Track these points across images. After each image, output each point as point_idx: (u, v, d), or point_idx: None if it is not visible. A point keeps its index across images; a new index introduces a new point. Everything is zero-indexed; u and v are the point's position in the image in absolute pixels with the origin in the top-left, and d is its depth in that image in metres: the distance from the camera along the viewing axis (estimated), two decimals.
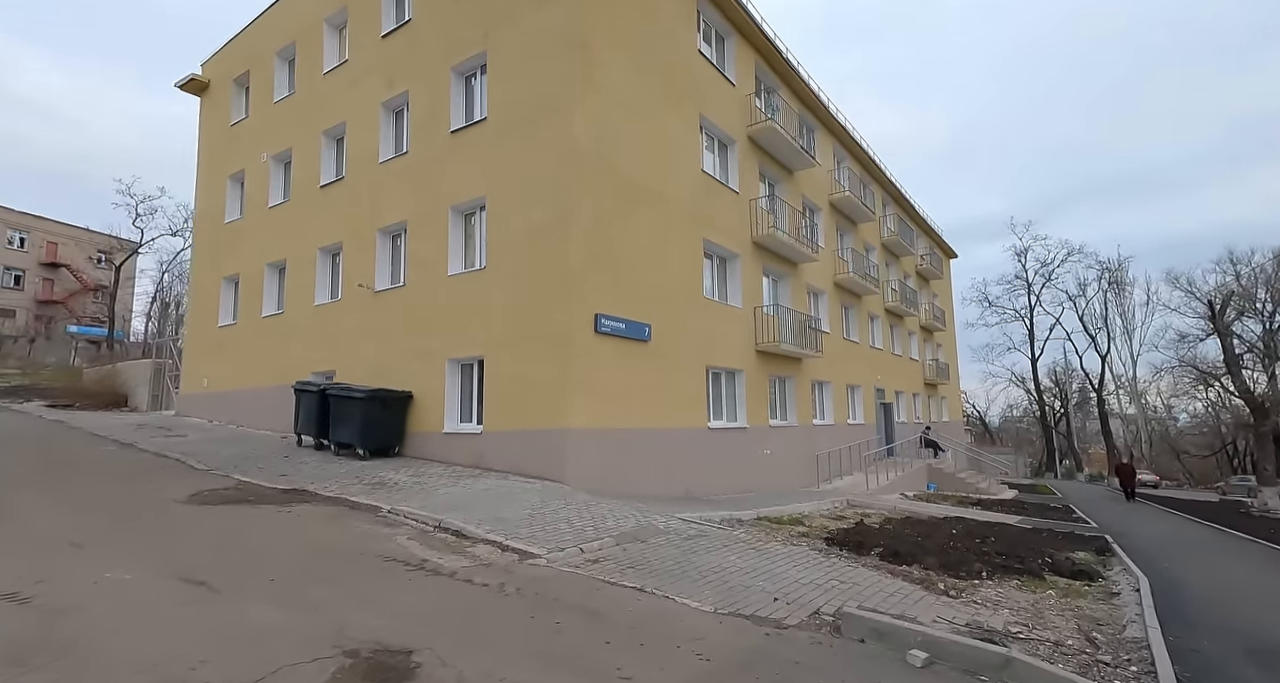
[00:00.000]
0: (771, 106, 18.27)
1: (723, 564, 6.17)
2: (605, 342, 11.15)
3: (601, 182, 11.42)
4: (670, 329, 12.93)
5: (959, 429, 38.39)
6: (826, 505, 13.73)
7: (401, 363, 12.60)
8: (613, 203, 11.67)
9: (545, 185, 11.06)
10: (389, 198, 13.55)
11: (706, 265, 15.31)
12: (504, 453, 10.91)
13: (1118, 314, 49.93)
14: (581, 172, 10.97)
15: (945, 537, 10.46)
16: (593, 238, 11.09)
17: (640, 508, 8.92)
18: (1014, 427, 71.10)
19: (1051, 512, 16.15)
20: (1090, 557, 9.60)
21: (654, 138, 13.09)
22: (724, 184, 15.83)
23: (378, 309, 13.42)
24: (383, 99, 13.96)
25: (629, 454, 11.45)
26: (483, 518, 7.20)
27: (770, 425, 16.62)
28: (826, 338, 20.58)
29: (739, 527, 8.71)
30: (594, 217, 11.15)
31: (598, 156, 11.37)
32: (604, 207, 11.41)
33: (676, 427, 12.88)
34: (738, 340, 15.57)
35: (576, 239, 10.74)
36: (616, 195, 11.80)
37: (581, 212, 10.89)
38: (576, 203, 10.83)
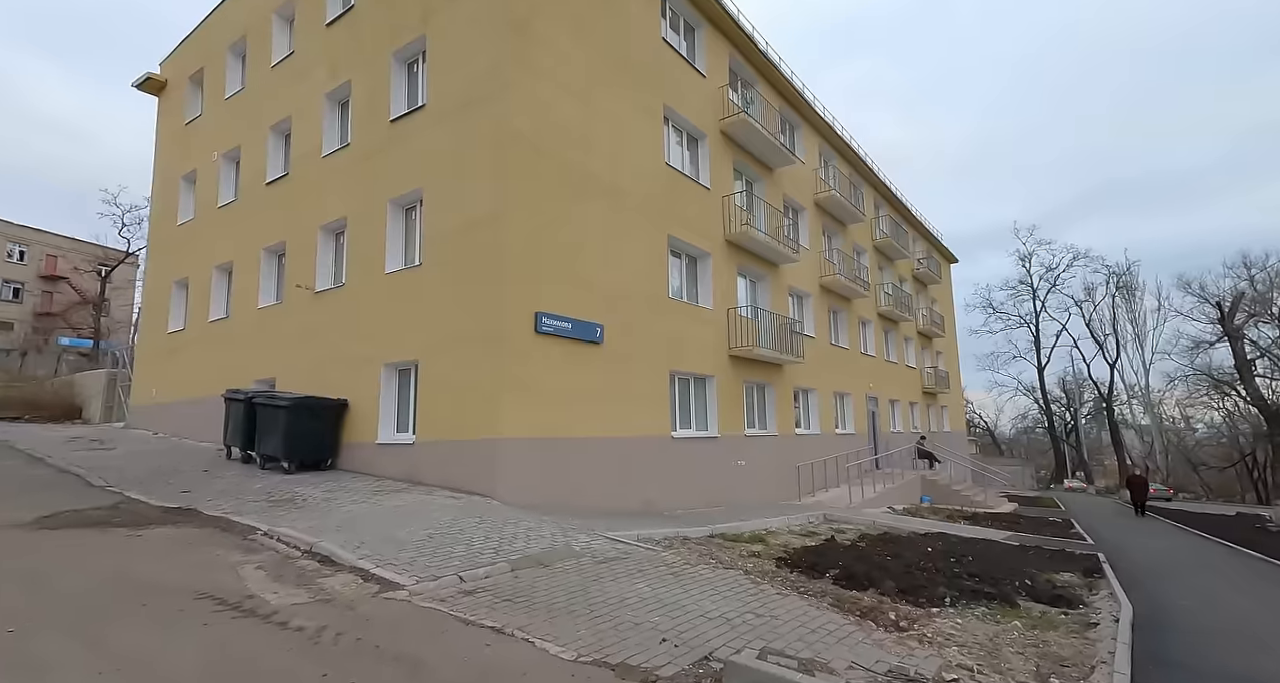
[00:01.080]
0: (747, 101, 17.46)
1: (624, 595, 5.24)
2: (548, 343, 10.27)
3: (544, 172, 10.59)
4: (628, 330, 12.05)
5: (962, 440, 37.16)
6: (799, 520, 12.74)
7: (339, 368, 11.76)
8: (558, 195, 10.84)
9: (480, 175, 10.24)
10: (330, 193, 12.78)
11: (673, 264, 14.44)
12: (436, 465, 10.01)
13: (1128, 321, 48.10)
14: (518, 160, 10.15)
15: (918, 556, 9.48)
16: (533, 232, 10.24)
17: (569, 525, 7.99)
18: (1026, 437, 69.29)
19: (1048, 527, 15.06)
20: (1076, 578, 8.58)
21: (609, 128, 12.29)
22: (693, 180, 14.99)
23: (318, 312, 12.60)
24: (326, 90, 13.24)
25: (576, 465, 10.53)
26: (369, 540, 6.31)
27: (745, 434, 15.64)
28: (811, 343, 19.63)
29: (678, 547, 7.76)
30: (535, 209, 10.31)
31: (538, 145, 10.55)
32: (547, 199, 10.58)
33: (635, 435, 11.96)
34: (708, 344, 14.65)
35: (512, 232, 9.89)
36: (563, 187, 10.97)
37: (518, 203, 10.05)
38: (513, 194, 9.99)
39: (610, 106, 12.44)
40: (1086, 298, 50.21)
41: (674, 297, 14.15)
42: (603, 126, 12.17)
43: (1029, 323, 52.62)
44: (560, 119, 11.11)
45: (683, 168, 14.92)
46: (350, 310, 11.92)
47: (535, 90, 10.62)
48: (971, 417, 69.46)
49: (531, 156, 10.41)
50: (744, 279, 17.16)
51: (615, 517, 10.17)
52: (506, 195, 9.91)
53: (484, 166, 10.22)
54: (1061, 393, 58.10)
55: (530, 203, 10.23)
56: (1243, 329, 35.36)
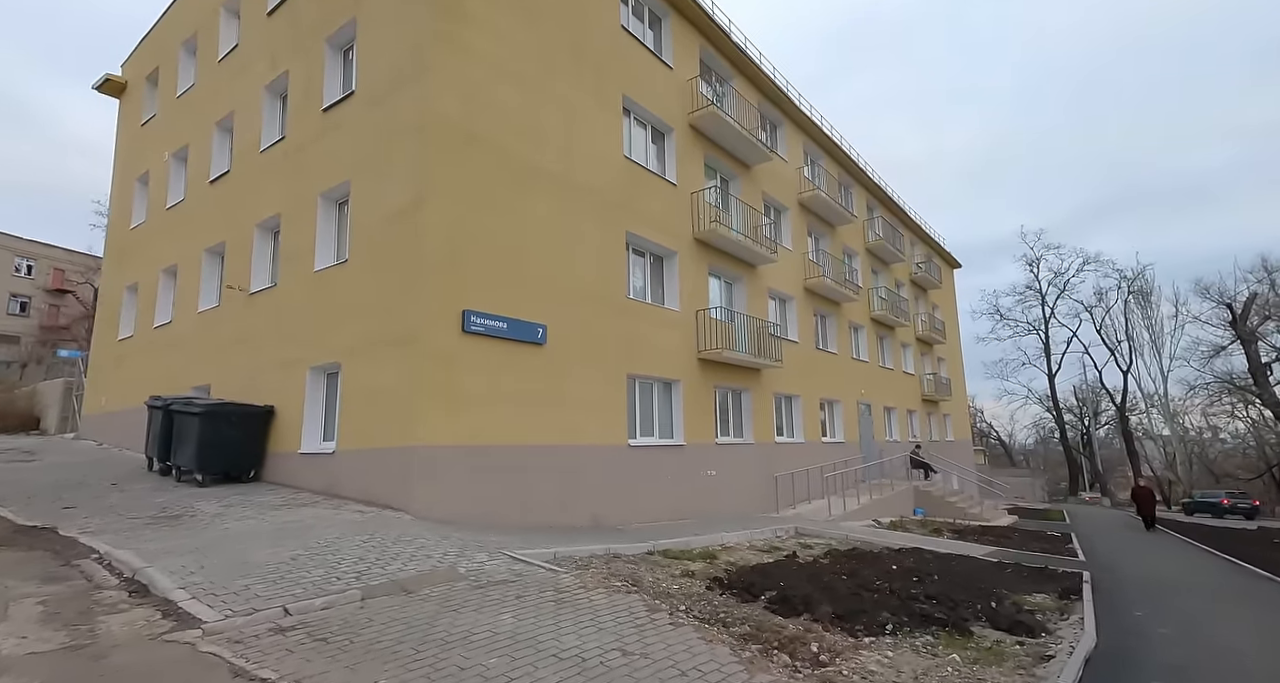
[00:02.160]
0: (719, 94, 16.71)
1: (474, 630, 4.40)
2: (478, 344, 9.48)
3: (478, 160, 9.85)
4: (576, 331, 11.24)
5: (966, 450, 35.89)
6: (766, 535, 11.82)
7: (271, 373, 11.03)
8: (496, 185, 10.10)
9: (404, 164, 9.51)
10: (266, 189, 12.13)
11: (635, 262, 13.66)
12: (356, 476, 9.22)
13: (1144, 328, 45.99)
14: (444, 146, 9.42)
15: (878, 574, 8.58)
16: (461, 223, 9.49)
17: (478, 542, 7.15)
18: (1045, 448, 67.17)
19: (1041, 542, 13.99)
20: (1049, 601, 7.62)
21: (560, 118, 11.56)
22: (658, 174, 14.22)
23: (253, 314, 11.92)
24: (266, 82, 12.63)
25: (511, 476, 9.69)
26: (214, 565, 5.52)
27: (717, 443, 14.74)
28: (794, 348, 18.72)
29: (595, 567, 6.89)
30: (465, 199, 9.56)
31: (472, 132, 9.82)
32: (481, 188, 9.83)
33: (583, 444, 11.11)
34: (674, 347, 13.81)
35: (433, 223, 9.14)
36: (503, 177, 10.23)
37: (442, 192, 9.30)
38: (436, 182, 9.25)
39: (562, 95, 11.72)
40: (1097, 303, 48.61)
41: (635, 296, 13.35)
42: (552, 115, 11.44)
43: (1038, 329, 51.10)
44: (500, 105, 10.39)
45: (646, 162, 14.16)
46: (281, 311, 11.22)
47: (466, 73, 9.91)
48: (982, 426, 67.95)
49: (462, 143, 9.68)
50: (717, 280, 16.33)
51: (551, 533, 9.33)
52: (428, 183, 9.17)
53: (406, 153, 9.50)
54: (1076, 402, 56.39)
55: (458, 192, 9.49)
56: (1256, 332, 33.86)
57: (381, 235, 9.60)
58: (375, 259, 9.63)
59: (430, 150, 9.25)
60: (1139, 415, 50.19)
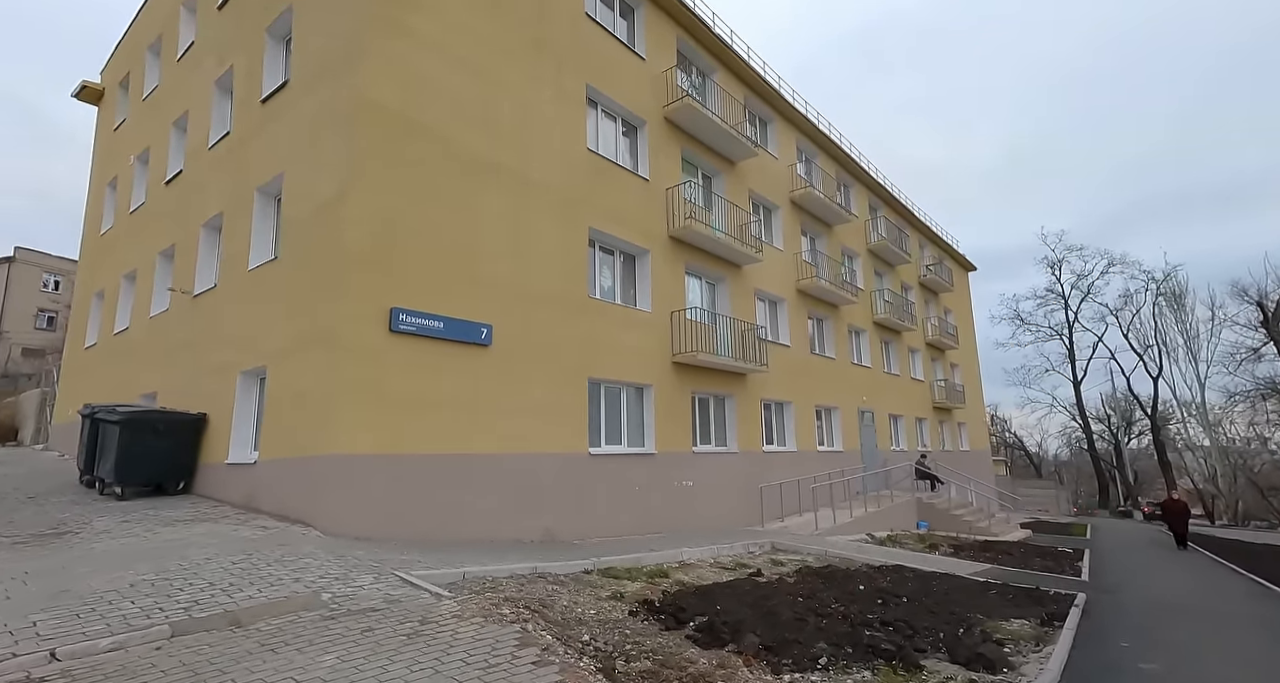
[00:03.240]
0: (696, 86, 16.00)
1: (270, 679, 3.65)
2: (409, 344, 8.79)
3: (417, 151, 9.21)
4: (529, 332, 10.53)
5: (984, 460, 34.36)
6: (736, 550, 10.93)
7: (205, 379, 10.49)
8: (437, 178, 9.44)
9: (333, 153, 8.92)
10: (212, 186, 11.67)
11: (602, 261, 12.95)
12: (274, 489, 8.56)
13: (1178, 332, 43.46)
14: (376, 135, 8.79)
15: (840, 595, 7.69)
16: (396, 217, 8.83)
17: (373, 561, 6.41)
18: (1077, 459, 64.24)
19: (1045, 559, 12.83)
20: (1027, 628, 6.63)
21: (515, 108, 10.91)
22: (627, 169, 13.51)
23: (196, 317, 11.41)
24: (215, 77, 12.20)
25: (447, 487, 8.96)
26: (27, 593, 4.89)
27: (694, 452, 13.86)
28: (786, 352, 17.81)
29: (501, 589, 6.11)
30: (400, 192, 8.91)
31: (411, 121, 9.19)
32: (420, 181, 9.18)
33: (534, 452, 10.35)
34: (645, 350, 13.02)
35: (362, 217, 8.50)
36: (445, 170, 9.58)
37: (374, 184, 8.66)
38: (367, 173, 8.62)
39: (518, 85, 11.09)
40: (1124, 306, 46.50)
41: (602, 297, 12.62)
42: (506, 106, 10.80)
43: (1061, 334, 49.09)
44: (447, 94, 9.77)
45: (616, 156, 13.47)
46: (218, 313, 10.69)
47: (408, 59, 9.30)
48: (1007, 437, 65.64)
49: (400, 133, 9.04)
50: (696, 280, 15.52)
51: (487, 549, 8.56)
52: (355, 173, 8.54)
53: (334, 142, 8.91)
54: (1108, 412, 53.89)
55: (393, 183, 8.84)
56: None
57: (308, 229, 9.01)
58: (302, 255, 9.04)
59: (360, 139, 8.63)
60: (1176, 425, 47.70)
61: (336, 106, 8.99)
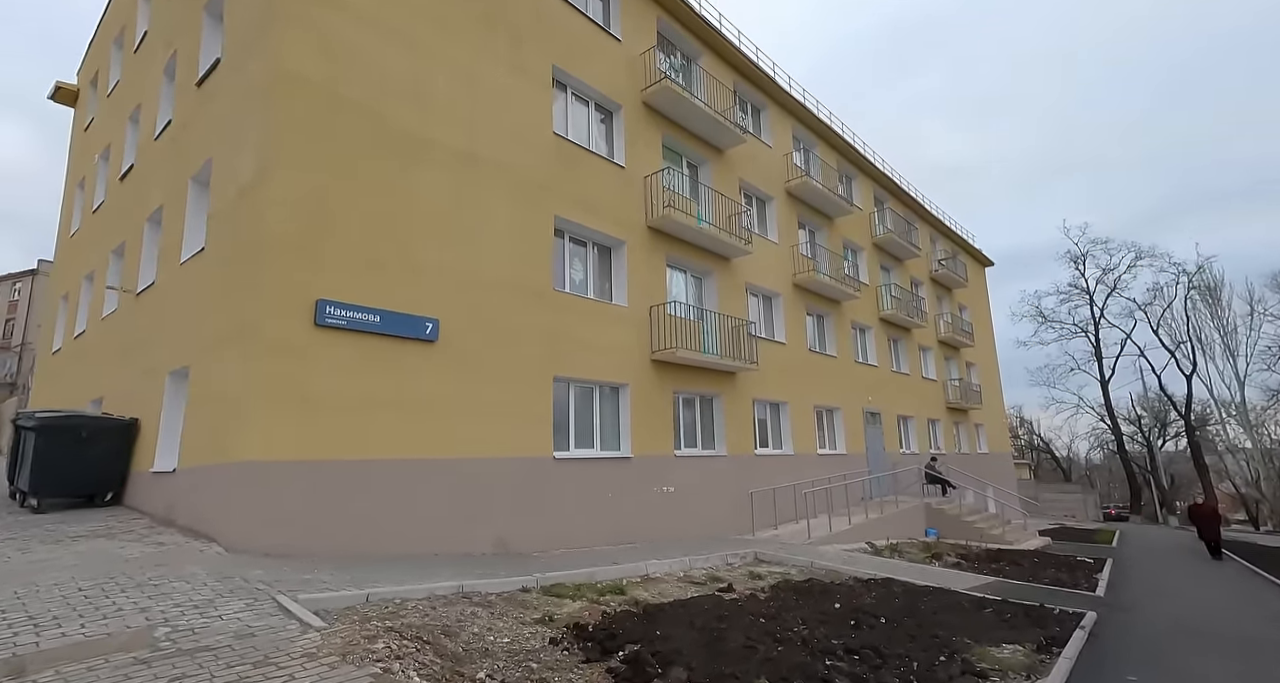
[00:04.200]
0: (676, 69, 15.19)
1: None
2: (339, 339, 8.06)
3: (345, 129, 8.51)
4: (484, 327, 9.78)
5: (1004, 463, 32.87)
6: (713, 562, 10.05)
7: (140, 381, 9.90)
8: (369, 158, 8.74)
9: (253, 131, 8.27)
10: (155, 178, 11.16)
11: (573, 252, 12.20)
12: (191, 500, 7.87)
13: (1214, 328, 41.04)
14: (299, 112, 8.10)
15: (810, 616, 6.81)
16: (321, 200, 8.13)
17: (262, 585, 5.65)
18: (1110, 462, 61.50)
19: (1060, 570, 11.70)
20: (1020, 655, 5.68)
21: (457, 85, 10.17)
22: (601, 155, 12.74)
23: (139, 316, 10.85)
24: (162, 64, 11.71)
25: (381, 496, 8.20)
26: None
27: (675, 455, 12.98)
28: (781, 349, 16.87)
29: (402, 616, 5.32)
30: (325, 173, 8.22)
31: (337, 96, 8.51)
32: (348, 161, 8.48)
33: (491, 456, 9.57)
34: (621, 347, 12.21)
35: (282, 199, 7.81)
36: (379, 150, 8.88)
37: (295, 163, 7.98)
38: (287, 151, 7.94)
39: (465, 62, 10.38)
40: (1153, 300, 44.40)
41: (574, 290, 11.85)
42: (451, 84, 10.09)
43: (1086, 331, 47.10)
44: (380, 69, 9.07)
45: (589, 142, 12.71)
46: (154, 311, 10.11)
47: (331, 29, 8.62)
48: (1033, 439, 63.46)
49: (325, 108, 8.36)
50: (680, 273, 14.67)
51: (421, 564, 7.78)
52: (274, 152, 7.87)
53: (253, 119, 8.26)
54: (1139, 412, 51.52)
55: (314, 161, 8.15)
56: None
57: (230, 216, 8.36)
58: (224, 244, 8.40)
59: (278, 113, 7.96)
60: (1215, 426, 45.37)
61: (254, 81, 8.35)
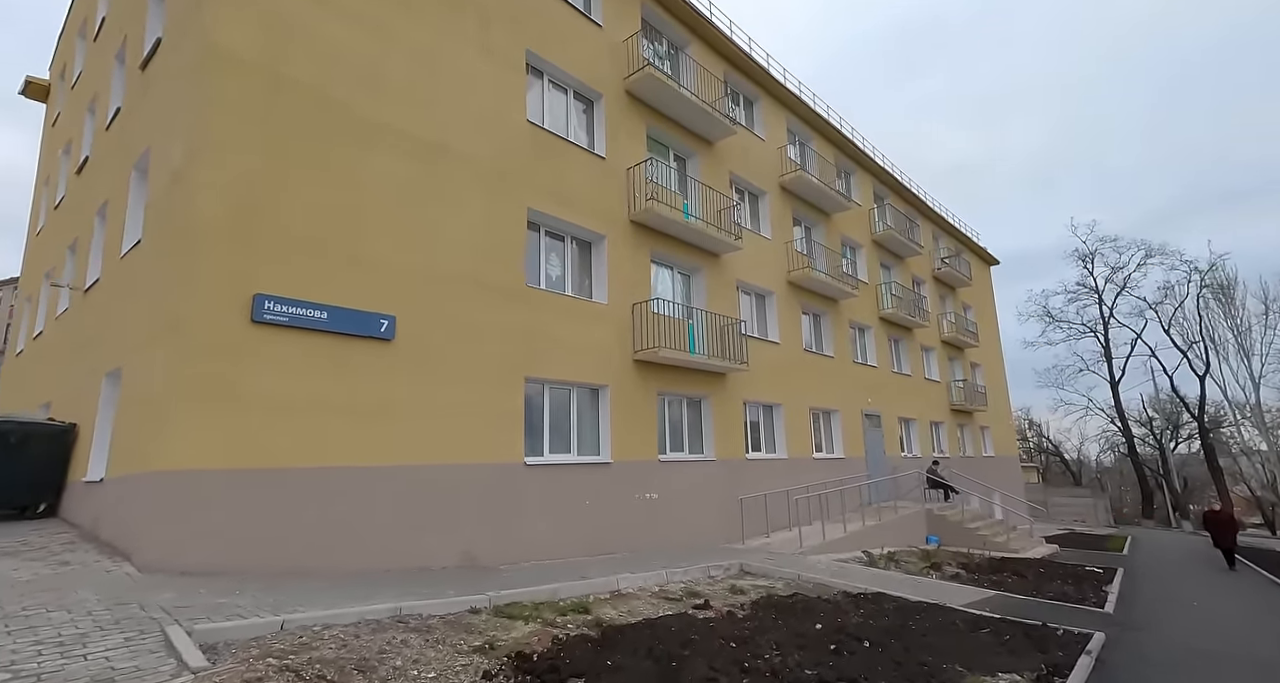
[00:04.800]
0: (661, 56, 14.59)
1: None
2: (279, 338, 7.47)
3: (287, 110, 7.94)
4: (446, 325, 9.19)
5: (1011, 467, 32.02)
6: (694, 574, 9.40)
7: (81, 383, 9.34)
8: (315, 142, 8.16)
9: (183, 111, 7.70)
10: (103, 169, 10.64)
11: (550, 247, 11.61)
12: (116, 512, 7.28)
13: (1227, 327, 39.83)
14: (234, 91, 7.53)
15: (786, 638, 6.14)
16: (260, 187, 7.56)
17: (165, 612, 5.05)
18: (1122, 465, 60.06)
19: (1067, 582, 10.97)
20: None
21: (416, 68, 9.58)
22: (580, 145, 12.16)
23: (86, 314, 10.32)
24: (115, 50, 11.20)
25: (329, 506, 7.60)
26: None
27: (660, 460, 12.34)
28: (775, 349, 16.22)
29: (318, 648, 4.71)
30: (261, 155, 7.63)
31: (272, 72, 7.90)
32: (292, 145, 7.90)
33: (455, 463, 8.96)
34: (600, 346, 11.59)
35: (213, 184, 7.24)
36: (326, 133, 8.30)
37: (229, 146, 7.40)
38: (219, 133, 7.37)
39: (425, 44, 9.80)
40: (1163, 299, 43.31)
41: (550, 286, 11.26)
42: (410, 66, 9.51)
43: (1095, 331, 46.05)
44: (329, 48, 8.50)
45: (566, 131, 12.13)
46: (101, 308, 9.55)
47: (270, 2, 8.04)
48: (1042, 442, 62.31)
49: (263, 86, 7.78)
50: (667, 270, 14.04)
51: (371, 581, 7.17)
52: (205, 133, 7.30)
53: (185, 98, 7.70)
54: (1151, 414, 50.34)
55: (252, 145, 7.57)
56: None
57: (163, 204, 7.80)
58: (157, 235, 7.85)
59: (209, 91, 7.40)
60: (1229, 428, 44.19)
61: (187, 59, 7.79)
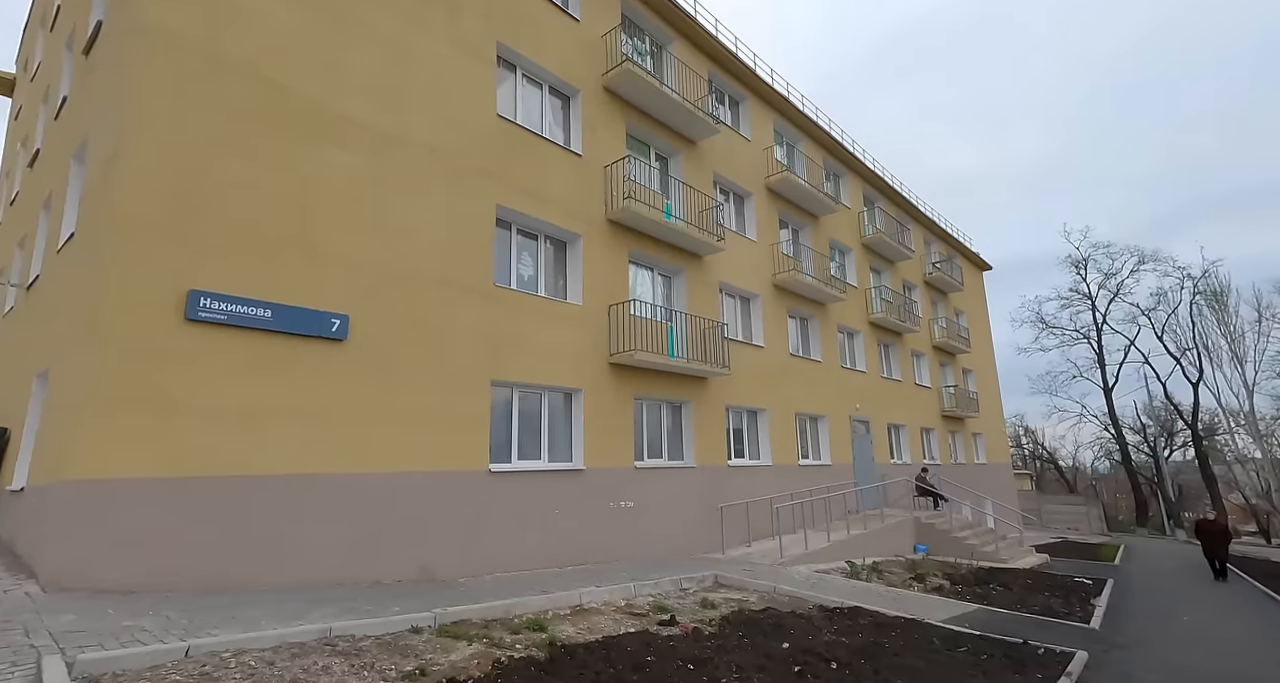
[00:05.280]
0: (640, 52, 14.26)
1: None
2: (216, 337, 7.04)
3: (231, 94, 7.52)
4: (406, 325, 8.78)
5: (1004, 474, 31.64)
6: (664, 587, 8.98)
7: (15, 384, 8.90)
8: (262, 129, 7.77)
9: (116, 93, 7.29)
10: (49, 161, 10.23)
11: (522, 246, 11.25)
12: (33, 524, 6.81)
13: (1220, 334, 39.58)
14: (162, 69, 7.08)
15: (745, 660, 5.73)
16: (197, 175, 7.15)
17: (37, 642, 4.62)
18: (1117, 472, 59.56)
19: (1054, 595, 10.56)
20: None
21: (376, 55, 9.20)
22: (555, 142, 11.78)
23: (27, 312, 9.89)
24: (65, 37, 10.81)
25: (271, 519, 7.17)
26: None
27: (636, 467, 11.92)
28: (760, 353, 15.85)
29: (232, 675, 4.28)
30: (200, 142, 7.23)
31: (214, 54, 7.49)
32: (228, 130, 7.47)
33: (412, 470, 8.54)
34: (574, 349, 11.19)
35: (144, 170, 6.83)
36: (276, 122, 7.92)
37: (160, 129, 6.98)
38: (149, 114, 6.96)
39: (394, 32, 9.46)
40: (1156, 305, 43.13)
41: (521, 287, 10.87)
42: (376, 54, 9.16)
43: (1088, 337, 45.85)
44: (276, 30, 8.09)
45: (541, 127, 11.77)
46: (36, 306, 9.13)
47: None
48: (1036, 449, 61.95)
49: (204, 69, 7.36)
50: (647, 271, 13.66)
51: (312, 598, 6.74)
52: (133, 117, 6.88)
53: (118, 80, 7.29)
54: (1144, 421, 50.01)
55: (190, 131, 7.16)
56: None
57: (94, 195, 7.38)
58: (89, 226, 7.41)
59: (142, 71, 7.00)
60: (1223, 435, 43.93)
61: (121, 38, 7.40)
